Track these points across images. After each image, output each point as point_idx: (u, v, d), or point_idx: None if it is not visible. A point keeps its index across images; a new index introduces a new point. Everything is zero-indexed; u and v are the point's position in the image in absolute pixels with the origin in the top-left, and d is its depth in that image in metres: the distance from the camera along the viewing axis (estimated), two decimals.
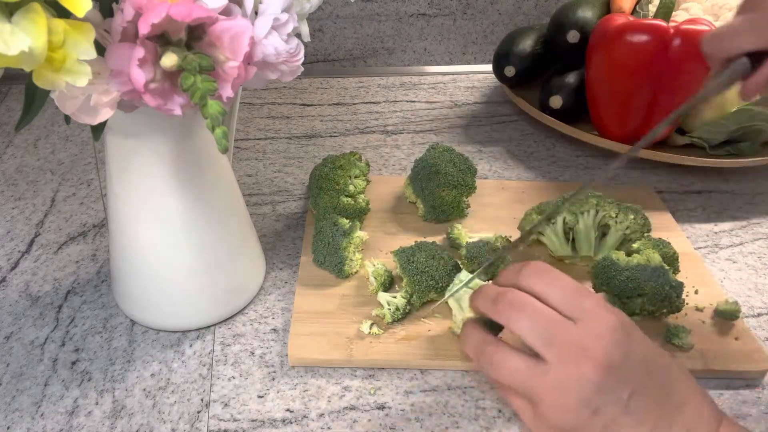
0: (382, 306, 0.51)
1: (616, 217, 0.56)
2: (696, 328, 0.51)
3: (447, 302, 0.51)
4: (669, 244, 0.55)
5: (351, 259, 0.55)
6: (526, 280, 0.39)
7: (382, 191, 0.67)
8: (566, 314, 0.38)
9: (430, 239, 0.56)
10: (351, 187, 0.62)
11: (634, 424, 0.35)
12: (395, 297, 0.52)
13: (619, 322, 0.37)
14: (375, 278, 0.53)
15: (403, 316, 0.51)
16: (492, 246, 0.55)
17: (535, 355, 0.37)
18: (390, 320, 0.51)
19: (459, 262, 0.54)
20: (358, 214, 0.61)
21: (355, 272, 0.56)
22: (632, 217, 0.56)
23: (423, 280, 0.51)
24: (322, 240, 0.55)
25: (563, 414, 0.36)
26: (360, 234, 0.57)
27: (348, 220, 0.57)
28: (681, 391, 0.37)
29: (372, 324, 0.51)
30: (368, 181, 0.66)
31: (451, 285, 0.51)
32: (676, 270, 0.55)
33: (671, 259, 0.54)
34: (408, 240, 0.59)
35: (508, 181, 0.70)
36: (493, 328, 0.41)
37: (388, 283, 0.54)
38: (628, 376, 0.36)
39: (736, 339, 0.51)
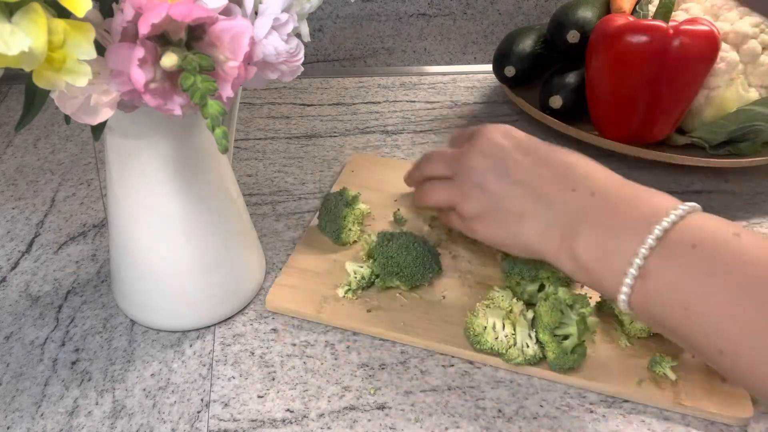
0: (349, 274, 0.54)
1: None
2: (682, 360, 0.48)
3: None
4: None
5: (350, 229, 0.58)
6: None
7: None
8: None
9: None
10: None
11: (520, 193, 0.47)
12: (362, 267, 0.54)
13: (492, 133, 0.50)
14: (365, 246, 0.56)
15: (368, 285, 0.54)
16: None
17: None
18: (355, 287, 0.53)
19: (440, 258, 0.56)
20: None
21: (354, 242, 0.59)
22: None
23: (388, 264, 0.52)
24: (327, 206, 0.58)
25: (472, 203, 0.49)
26: (362, 206, 0.60)
27: (354, 191, 0.60)
28: (562, 165, 0.47)
29: (348, 289, 0.53)
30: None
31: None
32: None
33: None
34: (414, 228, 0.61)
35: None
36: None
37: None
38: (502, 157, 0.48)
39: (724, 380, 0.46)
